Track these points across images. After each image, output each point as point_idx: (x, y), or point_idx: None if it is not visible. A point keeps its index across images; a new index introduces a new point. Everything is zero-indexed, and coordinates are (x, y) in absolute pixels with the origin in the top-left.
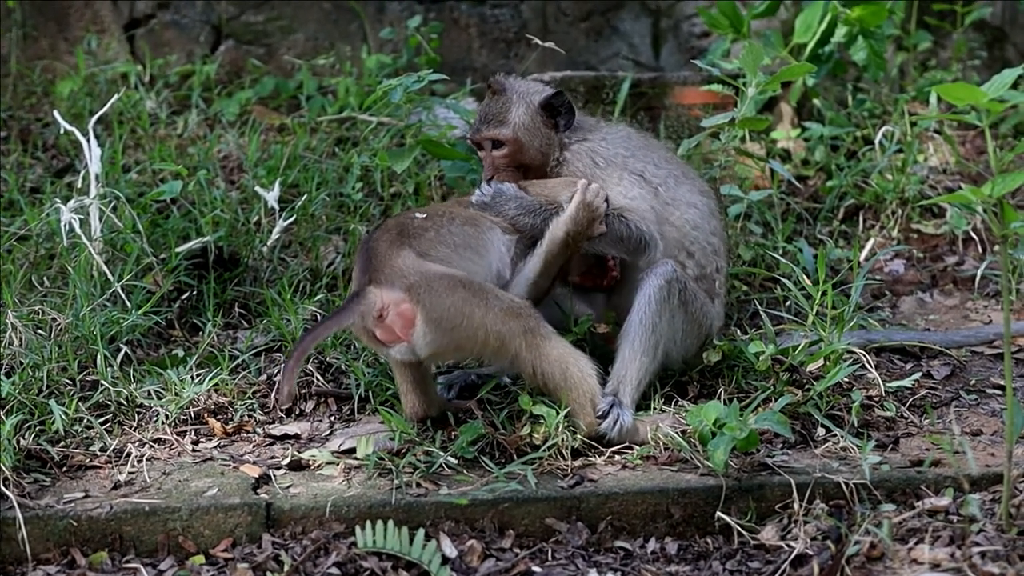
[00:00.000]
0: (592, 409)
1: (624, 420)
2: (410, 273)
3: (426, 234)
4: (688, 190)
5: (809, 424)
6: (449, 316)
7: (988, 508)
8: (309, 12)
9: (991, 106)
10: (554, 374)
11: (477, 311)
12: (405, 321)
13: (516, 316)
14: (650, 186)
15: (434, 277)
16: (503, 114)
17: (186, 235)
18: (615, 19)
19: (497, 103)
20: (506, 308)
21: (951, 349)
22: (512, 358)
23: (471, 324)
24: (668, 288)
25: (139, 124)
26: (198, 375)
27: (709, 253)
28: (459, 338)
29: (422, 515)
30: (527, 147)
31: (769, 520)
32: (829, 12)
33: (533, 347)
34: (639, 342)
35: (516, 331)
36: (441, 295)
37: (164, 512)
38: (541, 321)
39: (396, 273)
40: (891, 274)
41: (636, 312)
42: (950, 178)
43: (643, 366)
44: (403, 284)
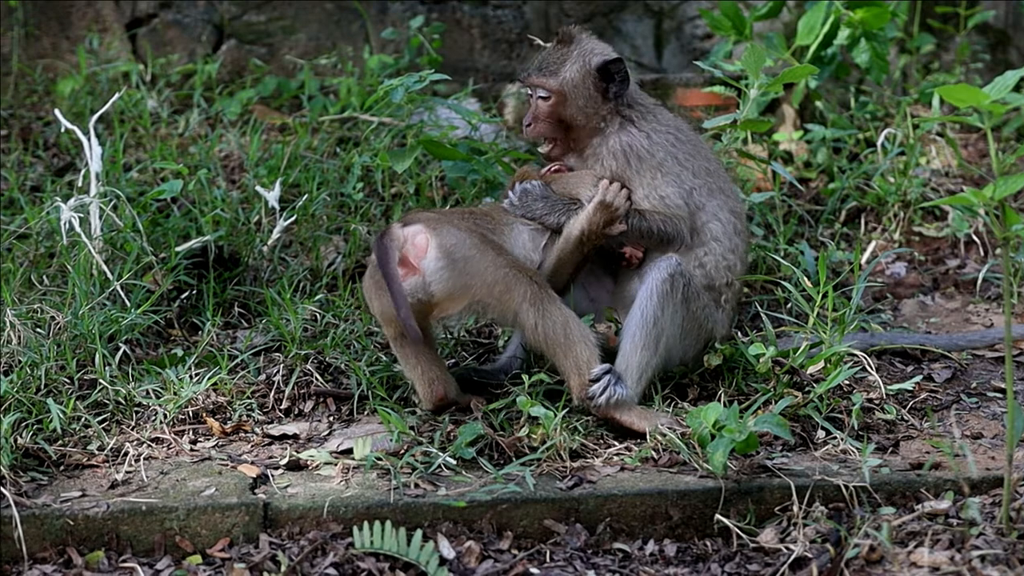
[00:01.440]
0: (586, 371)
1: (618, 391)
2: (431, 217)
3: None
4: (718, 204)
5: (809, 427)
6: (460, 249)
7: (988, 512)
8: (311, 12)
9: (993, 108)
10: (556, 331)
11: (488, 255)
12: (419, 250)
13: (524, 272)
14: (682, 188)
15: (452, 220)
16: (557, 65)
17: (186, 234)
18: (618, 20)
19: (557, 53)
20: (516, 264)
21: (952, 352)
22: (516, 310)
23: (481, 263)
24: (671, 282)
25: (140, 123)
26: (197, 374)
27: (722, 268)
28: (468, 275)
29: (420, 516)
30: (570, 104)
31: (768, 523)
32: (832, 14)
33: (537, 303)
34: (640, 335)
35: (523, 282)
36: (454, 232)
37: (161, 511)
38: (544, 284)
39: (418, 217)
40: (893, 277)
41: (638, 305)
42: (952, 181)
43: (644, 359)
44: (423, 220)
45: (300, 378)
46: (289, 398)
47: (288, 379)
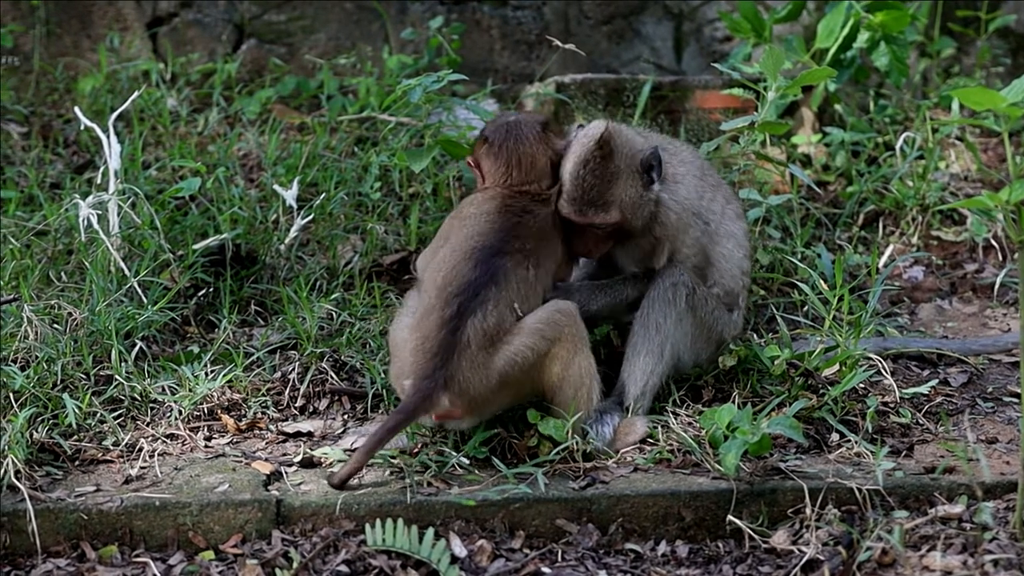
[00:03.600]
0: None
1: (603, 432)
2: (480, 386)
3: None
4: (731, 220)
5: (823, 429)
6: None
7: (1002, 516)
8: (331, 12)
9: (1010, 111)
10: (565, 391)
11: (526, 383)
12: (451, 417)
13: (554, 342)
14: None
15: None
16: (607, 194)
17: (204, 232)
18: (637, 22)
19: (601, 173)
20: (546, 338)
21: (968, 357)
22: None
23: (516, 398)
24: (673, 291)
25: (160, 121)
26: (212, 372)
27: (737, 275)
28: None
29: (432, 514)
30: (631, 222)
31: (781, 525)
32: (852, 17)
33: (565, 367)
34: (642, 343)
35: (550, 355)
36: (495, 397)
37: (174, 507)
38: (577, 333)
39: (469, 388)
40: (910, 281)
41: (640, 314)
42: (971, 185)
43: (648, 367)
44: (468, 397)
45: (315, 376)
46: (304, 396)
47: (303, 377)
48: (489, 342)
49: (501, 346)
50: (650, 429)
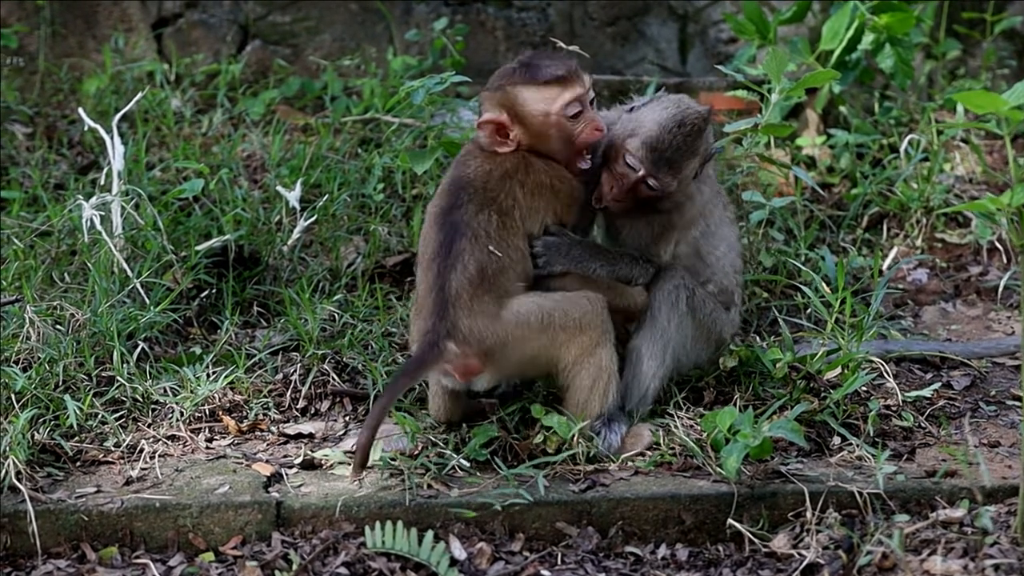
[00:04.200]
0: (586, 416)
1: (611, 440)
2: (489, 335)
3: (504, 274)
4: (725, 226)
5: (825, 433)
6: (514, 365)
7: (1003, 521)
8: (336, 13)
9: (1012, 114)
10: (583, 384)
11: (541, 348)
12: (470, 370)
13: (580, 331)
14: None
15: (509, 334)
16: (682, 162)
17: (208, 233)
18: (642, 24)
19: (691, 142)
20: (571, 327)
21: (971, 360)
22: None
23: (532, 361)
24: (676, 293)
25: (164, 122)
26: (214, 373)
27: (731, 273)
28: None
29: (432, 516)
30: (673, 199)
31: (781, 528)
32: (856, 19)
33: (584, 355)
34: (645, 348)
35: (576, 343)
36: (511, 352)
37: (175, 509)
38: (603, 326)
39: (475, 334)
40: (914, 283)
41: (643, 317)
42: (976, 187)
43: (651, 369)
44: (479, 347)
45: (317, 378)
46: (306, 397)
47: (305, 378)
48: (484, 289)
49: (509, 299)
50: (655, 437)
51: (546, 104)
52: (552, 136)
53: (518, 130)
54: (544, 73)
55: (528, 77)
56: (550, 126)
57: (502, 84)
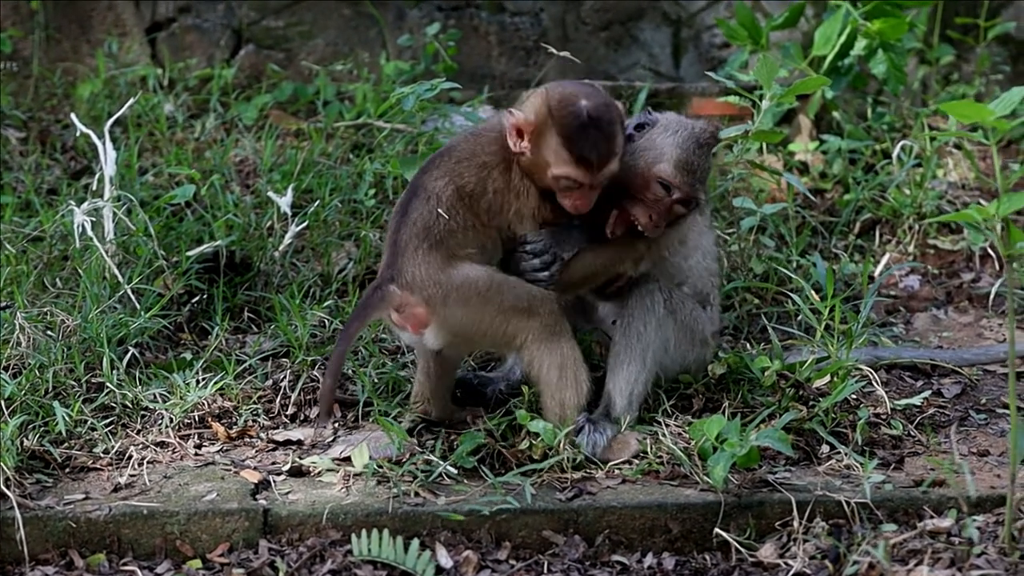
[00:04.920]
0: (568, 418)
1: (598, 440)
2: (430, 284)
3: (453, 237)
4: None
5: (813, 441)
6: (461, 324)
7: (991, 530)
8: (329, 18)
9: (998, 124)
10: (550, 371)
11: (487, 317)
12: (419, 321)
13: (531, 315)
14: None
15: (452, 288)
16: (706, 178)
17: (199, 239)
18: (635, 28)
19: (708, 161)
20: (521, 308)
21: (962, 367)
22: (517, 348)
23: (481, 328)
24: (651, 297)
25: (157, 127)
26: (204, 379)
27: (706, 277)
28: (468, 338)
29: (419, 524)
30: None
31: (768, 538)
32: (849, 25)
33: (539, 342)
34: (624, 354)
35: (527, 328)
36: (455, 308)
37: (162, 516)
38: (556, 318)
39: (417, 281)
40: (906, 290)
41: (620, 324)
42: (969, 193)
43: (632, 375)
44: (422, 294)
45: (307, 384)
46: (295, 404)
47: (295, 385)
48: (431, 244)
49: (460, 261)
50: (642, 445)
51: (554, 162)
52: (544, 180)
53: (530, 147)
54: (574, 145)
55: (564, 129)
56: (546, 176)
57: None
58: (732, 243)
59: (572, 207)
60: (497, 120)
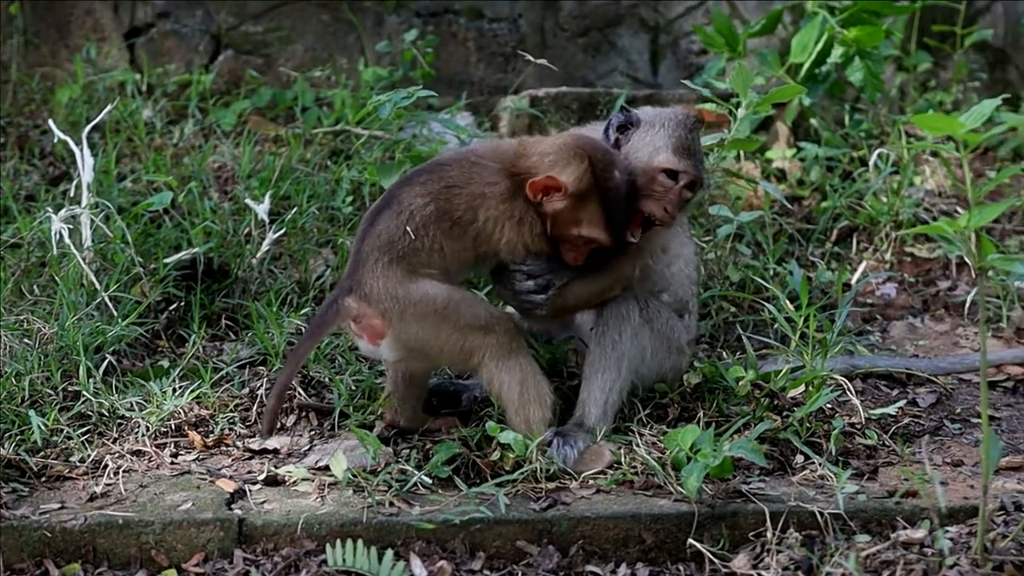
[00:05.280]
0: (535, 433)
1: (568, 453)
2: (388, 297)
3: (417, 255)
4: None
5: (788, 451)
6: (417, 340)
7: (964, 541)
8: (308, 24)
9: (968, 137)
10: (511, 388)
11: (443, 334)
12: (375, 333)
13: (488, 332)
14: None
15: (410, 304)
16: (700, 153)
17: (177, 245)
18: (613, 35)
19: (698, 139)
20: (478, 326)
21: (937, 376)
22: (475, 367)
23: (438, 344)
24: (626, 306)
25: (135, 133)
26: (180, 387)
27: (686, 284)
28: (425, 354)
29: (393, 534)
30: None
31: (742, 548)
32: (826, 32)
33: (496, 360)
34: (599, 363)
35: (484, 345)
36: (410, 323)
37: (137, 525)
38: (512, 336)
39: (375, 294)
40: (883, 298)
41: (596, 334)
42: (945, 201)
43: (607, 384)
44: (379, 307)
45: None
46: None
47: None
48: (392, 258)
49: (418, 277)
50: (616, 456)
51: (587, 223)
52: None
53: (560, 206)
54: (611, 215)
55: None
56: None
57: (598, 179)
58: (709, 251)
59: (572, 260)
60: (494, 146)
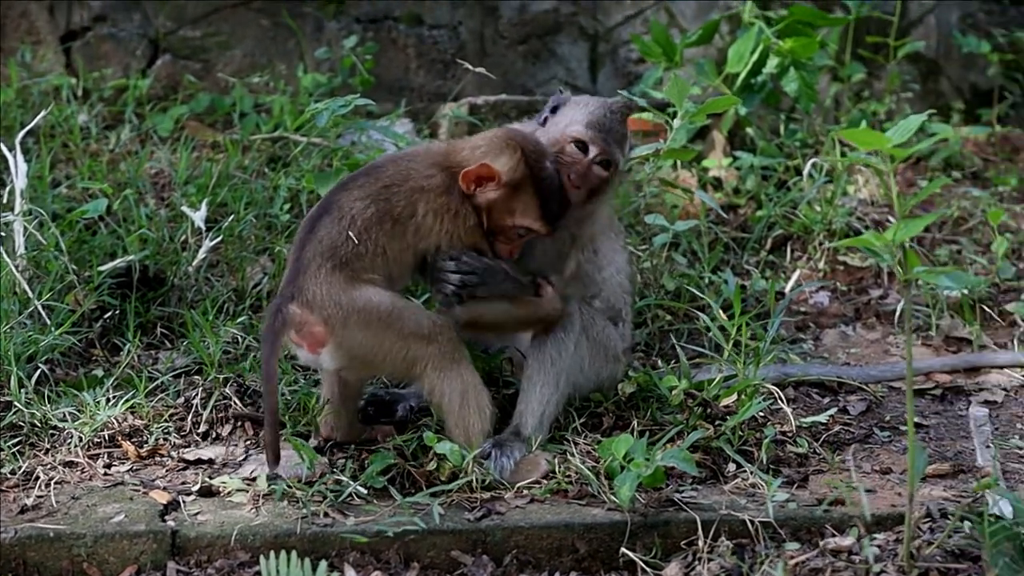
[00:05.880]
0: (474, 443)
1: (505, 464)
2: (331, 304)
3: (360, 261)
4: (610, 250)
5: (720, 459)
6: (360, 347)
7: (892, 548)
8: (247, 29)
9: (895, 152)
10: (452, 398)
11: (386, 342)
12: (316, 341)
13: (430, 341)
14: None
15: (352, 311)
16: (620, 140)
17: (112, 253)
18: (553, 42)
19: (621, 123)
20: (421, 335)
21: (868, 384)
22: (415, 376)
23: (380, 352)
24: (569, 320)
25: (70, 139)
26: (114, 397)
27: (618, 292)
28: (366, 362)
29: (328, 545)
30: (612, 185)
31: (674, 557)
32: (762, 43)
33: (438, 369)
34: (538, 376)
35: (426, 355)
36: (354, 331)
37: (69, 538)
38: (455, 345)
39: (318, 300)
40: (815, 306)
41: (534, 346)
42: (878, 210)
43: (544, 397)
44: (322, 313)
45: (219, 401)
46: (207, 421)
47: (207, 402)
48: (334, 264)
49: (363, 284)
50: (551, 465)
51: (521, 213)
52: (497, 221)
53: (494, 196)
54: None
55: (541, 188)
56: (503, 220)
57: (531, 167)
58: (645, 260)
59: (507, 252)
60: (426, 146)
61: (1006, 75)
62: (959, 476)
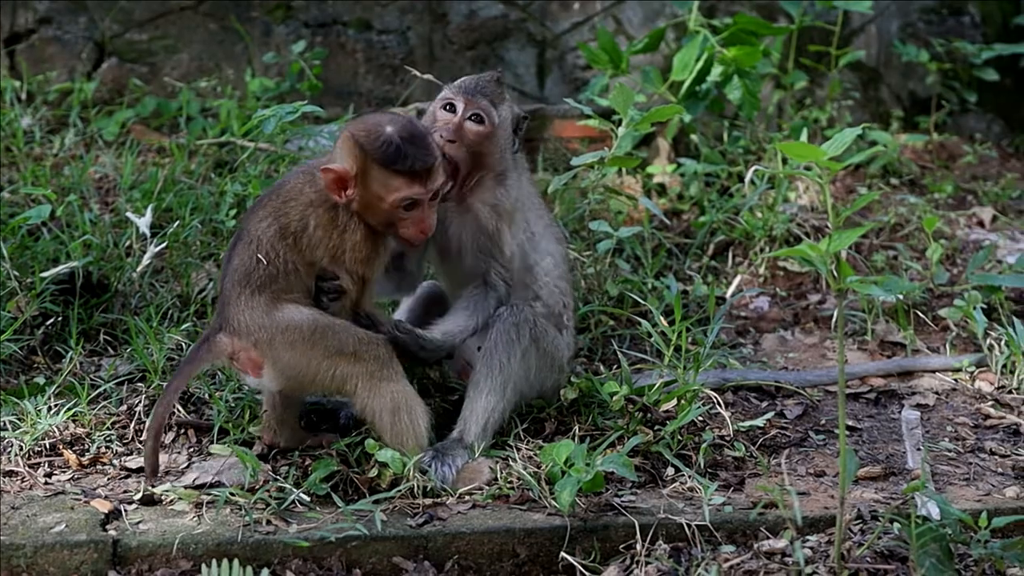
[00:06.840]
0: (409, 455)
1: (446, 473)
2: (256, 327)
3: (275, 282)
4: (548, 239)
5: (659, 464)
6: (291, 367)
7: (824, 550)
8: (194, 33)
9: (830, 165)
10: (384, 417)
11: (313, 361)
12: (254, 365)
13: (357, 360)
14: (532, 237)
15: (276, 332)
16: (496, 97)
17: (55, 259)
18: (501, 49)
19: (493, 86)
20: (347, 353)
21: (805, 388)
22: (348, 392)
23: (310, 372)
24: (517, 330)
25: (13, 142)
26: (56, 405)
27: (556, 294)
28: (301, 382)
29: (270, 553)
30: (496, 141)
31: (612, 560)
32: (706, 51)
33: (369, 388)
34: (485, 383)
35: (354, 373)
36: (283, 351)
37: (8, 549)
38: (385, 362)
39: (244, 326)
40: (756, 311)
41: (483, 353)
42: (817, 216)
43: (489, 405)
44: (250, 338)
45: None
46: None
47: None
48: (252, 289)
49: (283, 303)
50: (494, 473)
51: (387, 191)
52: (380, 217)
53: (356, 192)
54: (399, 163)
55: (384, 157)
56: (383, 210)
57: (364, 146)
58: (589, 266)
59: (417, 234)
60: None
61: (944, 84)
62: (890, 478)
